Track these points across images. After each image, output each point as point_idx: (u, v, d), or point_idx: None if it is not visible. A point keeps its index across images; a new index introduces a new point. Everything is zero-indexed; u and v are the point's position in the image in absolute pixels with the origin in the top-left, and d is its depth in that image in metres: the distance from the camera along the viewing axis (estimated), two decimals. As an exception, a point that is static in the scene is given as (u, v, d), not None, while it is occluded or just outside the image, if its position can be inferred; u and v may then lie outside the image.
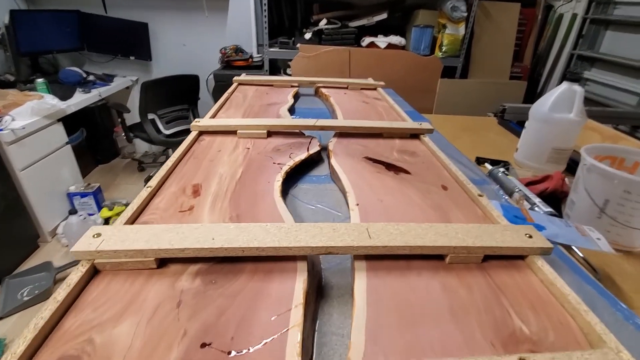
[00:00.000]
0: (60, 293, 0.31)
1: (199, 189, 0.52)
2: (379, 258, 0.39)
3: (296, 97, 1.14)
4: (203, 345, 0.29)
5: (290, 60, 2.23)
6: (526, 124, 0.88)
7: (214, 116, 0.84)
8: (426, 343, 0.30)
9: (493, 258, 0.40)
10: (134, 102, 2.70)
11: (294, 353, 0.28)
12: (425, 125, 0.77)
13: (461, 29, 2.06)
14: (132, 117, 2.34)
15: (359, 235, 0.38)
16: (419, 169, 0.62)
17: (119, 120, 2.22)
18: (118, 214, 1.90)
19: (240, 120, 0.74)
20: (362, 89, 1.22)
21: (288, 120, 0.75)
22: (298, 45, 2.12)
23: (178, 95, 2.30)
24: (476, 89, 2.20)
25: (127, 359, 0.27)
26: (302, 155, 0.66)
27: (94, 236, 0.37)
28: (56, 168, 1.92)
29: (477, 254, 0.39)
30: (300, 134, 0.76)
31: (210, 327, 0.30)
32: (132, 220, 0.43)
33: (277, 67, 2.42)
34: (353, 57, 2.06)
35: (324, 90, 1.17)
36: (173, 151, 0.64)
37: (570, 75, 2.23)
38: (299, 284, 0.35)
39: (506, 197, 0.64)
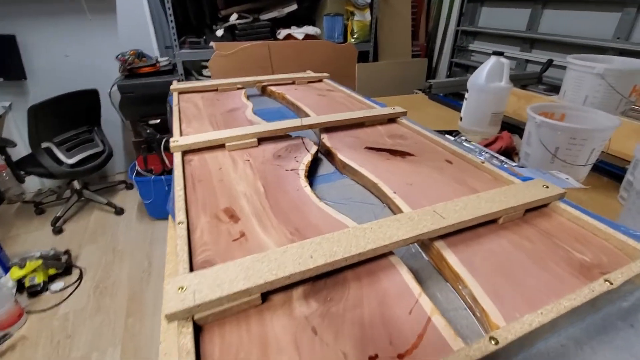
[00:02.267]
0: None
1: (233, 213, 0.48)
2: (450, 234, 0.43)
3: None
4: (371, 358, 0.29)
5: (204, 60, 2.09)
6: (466, 95, 1.02)
7: (181, 134, 0.76)
8: (534, 291, 0.35)
9: (528, 211, 0.48)
10: (10, 132, 2.20)
11: (452, 335, 0.30)
12: (399, 109, 0.83)
13: (367, 15, 2.21)
14: (16, 151, 1.91)
15: (433, 218, 0.42)
16: (418, 150, 0.68)
17: (2, 157, 1.79)
18: (35, 271, 1.56)
19: (227, 132, 0.69)
20: (309, 82, 1.23)
21: (276, 124, 0.73)
22: (212, 44, 1.99)
23: (76, 116, 1.95)
24: (388, 69, 2.40)
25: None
26: (308, 157, 0.65)
27: (178, 290, 0.32)
28: None
29: (520, 211, 0.46)
30: (287, 136, 0.75)
31: (363, 340, 0.30)
32: (190, 265, 0.38)
33: (187, 69, 2.23)
34: (273, 51, 2.03)
35: (273, 88, 1.15)
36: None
37: (459, 49, 2.56)
38: (406, 275, 0.37)
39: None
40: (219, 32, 2.04)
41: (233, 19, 2.04)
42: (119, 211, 2.15)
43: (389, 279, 0.37)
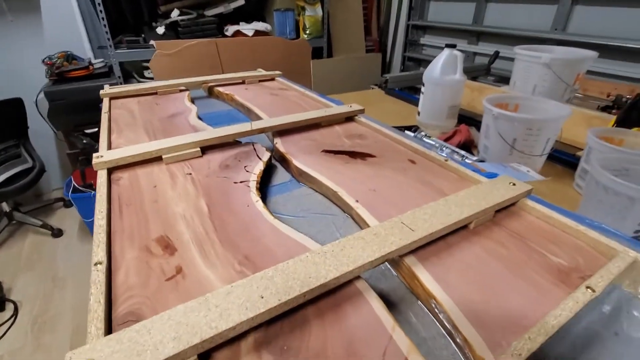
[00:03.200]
0: None
1: (169, 242, 0.40)
2: (421, 247, 0.38)
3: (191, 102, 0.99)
4: None
5: (145, 61, 1.92)
6: (422, 89, 1.00)
7: (110, 146, 0.65)
8: (517, 307, 0.31)
9: (497, 211, 0.45)
10: None
11: (434, 381, 0.25)
12: (356, 107, 0.78)
13: (318, 10, 2.16)
14: None
15: (401, 232, 0.37)
16: (379, 150, 0.63)
17: None
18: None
19: (164, 141, 0.60)
20: (260, 81, 1.15)
21: (222, 130, 0.65)
22: (152, 42, 1.83)
23: (-3, 130, 1.71)
24: (343, 65, 2.37)
25: None
26: (260, 165, 0.58)
27: (83, 367, 0.24)
28: None
29: (490, 213, 0.43)
30: (237, 143, 0.67)
31: (330, 403, 0.24)
32: (108, 320, 0.30)
33: (126, 71, 2.04)
34: (222, 48, 1.91)
35: (221, 89, 1.05)
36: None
37: (410, 43, 2.59)
38: (376, 304, 0.31)
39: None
40: (160, 30, 1.88)
41: (174, 15, 1.89)
42: (57, 233, 1.92)
43: (357, 312, 0.31)
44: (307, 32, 2.19)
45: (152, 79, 1.95)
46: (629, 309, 0.35)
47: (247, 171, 0.56)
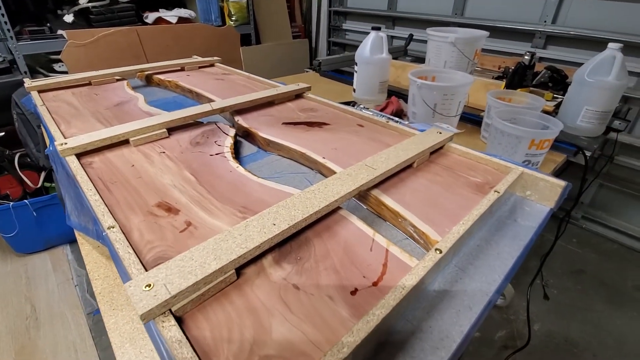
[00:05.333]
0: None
1: (170, 206, 0.45)
2: (381, 182, 0.49)
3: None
4: (353, 293, 0.32)
5: (52, 53, 1.73)
6: (356, 68, 1.12)
7: (64, 137, 0.64)
8: (452, 210, 0.44)
9: (431, 153, 0.58)
10: None
11: (407, 257, 0.36)
12: (303, 85, 0.87)
13: (242, -4, 2.15)
14: None
15: (367, 171, 0.47)
16: (330, 119, 0.73)
17: None
18: None
19: (128, 125, 0.61)
20: (200, 67, 1.15)
21: (184, 112, 0.68)
22: (60, 32, 1.65)
23: None
24: (273, 51, 2.41)
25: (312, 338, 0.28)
26: (229, 140, 0.63)
27: (145, 288, 0.29)
28: None
29: (427, 154, 0.56)
30: (198, 124, 0.71)
31: (341, 281, 0.34)
32: (144, 264, 0.35)
33: (29, 67, 1.80)
34: (144, 37, 1.80)
35: (161, 77, 1.04)
36: None
37: (334, 28, 2.71)
38: (357, 222, 0.41)
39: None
40: (68, 18, 1.70)
41: (83, 1, 1.72)
42: (-33, 256, 1.66)
43: (345, 229, 0.41)
44: (233, 18, 2.17)
45: (63, 72, 1.77)
46: (522, 206, 0.51)
47: (219, 145, 0.62)
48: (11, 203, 1.48)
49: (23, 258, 1.68)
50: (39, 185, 1.56)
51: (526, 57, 0.97)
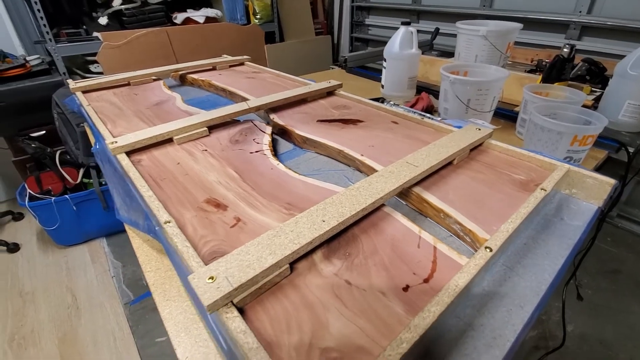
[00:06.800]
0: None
1: (218, 202, 0.47)
2: (422, 180, 0.49)
3: (169, 90, 1.00)
4: (404, 289, 0.33)
5: (89, 55, 1.81)
6: (384, 64, 1.11)
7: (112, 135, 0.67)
8: (498, 208, 0.44)
9: (471, 150, 0.57)
10: None
11: (457, 255, 0.36)
12: (335, 82, 0.87)
13: (267, -6, 2.16)
14: None
15: (408, 168, 0.47)
16: (364, 116, 0.73)
17: None
18: None
19: (172, 124, 0.64)
20: (230, 66, 1.18)
21: (222, 111, 0.70)
22: (96, 34, 1.73)
23: None
24: (296, 48, 2.42)
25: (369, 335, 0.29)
26: (267, 137, 0.65)
27: (209, 280, 0.31)
28: None
29: (467, 151, 0.55)
30: (235, 122, 0.73)
31: (391, 278, 0.34)
32: (204, 258, 0.37)
33: (67, 68, 1.89)
34: (173, 37, 1.85)
35: (194, 76, 1.07)
36: None
37: (356, 24, 2.69)
38: (403, 219, 0.42)
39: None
40: (103, 20, 1.77)
41: (117, 3, 1.78)
42: (13, 248, 1.78)
43: (391, 225, 0.41)
44: (258, 16, 2.19)
45: (99, 73, 1.84)
46: (567, 204, 0.50)
47: (257, 142, 0.63)
48: (53, 198, 1.57)
49: (63, 250, 1.78)
50: (78, 181, 1.65)
51: (565, 49, 0.93)
